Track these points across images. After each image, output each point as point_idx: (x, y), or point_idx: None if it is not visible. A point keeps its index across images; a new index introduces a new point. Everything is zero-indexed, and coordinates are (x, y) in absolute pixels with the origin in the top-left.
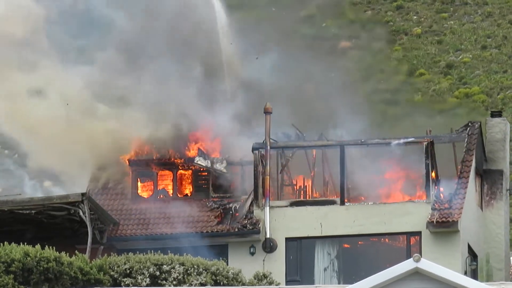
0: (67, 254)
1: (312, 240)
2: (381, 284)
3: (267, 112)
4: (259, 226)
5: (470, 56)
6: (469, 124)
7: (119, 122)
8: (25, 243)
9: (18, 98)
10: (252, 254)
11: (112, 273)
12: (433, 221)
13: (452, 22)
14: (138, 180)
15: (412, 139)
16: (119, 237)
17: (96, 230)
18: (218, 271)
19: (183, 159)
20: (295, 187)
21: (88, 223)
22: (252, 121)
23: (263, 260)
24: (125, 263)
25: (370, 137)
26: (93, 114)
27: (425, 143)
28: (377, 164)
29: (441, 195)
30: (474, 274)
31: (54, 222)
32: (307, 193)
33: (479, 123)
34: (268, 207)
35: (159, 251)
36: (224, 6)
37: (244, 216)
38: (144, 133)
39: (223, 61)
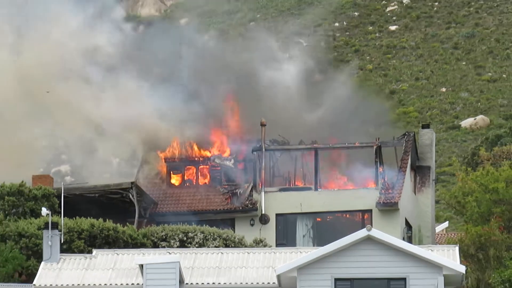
0: (121, 225)
1: (294, 215)
2: (344, 247)
3: (262, 125)
4: (257, 205)
5: (407, 85)
6: (406, 133)
7: (163, 125)
8: (91, 218)
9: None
10: (252, 225)
11: (152, 238)
12: (380, 202)
13: (394, 61)
14: (171, 172)
15: (366, 144)
16: (157, 213)
17: (141, 208)
18: (227, 237)
19: (203, 158)
20: (283, 177)
21: (135, 203)
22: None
23: (260, 229)
24: (161, 231)
25: (336, 143)
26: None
27: (375, 147)
28: (342, 161)
29: (386, 183)
30: (409, 240)
31: (112, 203)
32: (291, 182)
33: (413, 133)
34: (263, 192)
35: (185, 223)
36: None
37: (246, 198)
38: (177, 136)
39: None
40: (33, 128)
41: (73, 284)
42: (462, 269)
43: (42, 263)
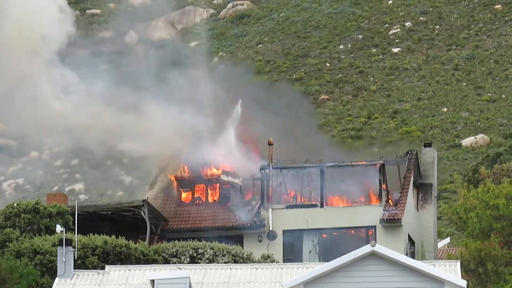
0: (133, 241)
1: (301, 231)
2: (349, 262)
3: (270, 144)
4: (265, 221)
5: (410, 105)
6: (409, 152)
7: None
8: (104, 234)
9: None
10: (260, 241)
11: (163, 254)
12: (384, 219)
13: (397, 82)
14: (181, 190)
15: (370, 162)
16: (168, 230)
17: (153, 225)
18: (236, 253)
19: (212, 176)
20: (290, 195)
21: (147, 220)
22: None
23: (267, 245)
24: (172, 248)
25: (341, 161)
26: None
27: (378, 165)
28: (346, 179)
29: (390, 200)
30: (412, 255)
31: (124, 220)
32: (297, 199)
33: (416, 151)
34: (271, 209)
35: (195, 239)
36: None
37: (254, 215)
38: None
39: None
40: None
41: None
42: (463, 283)
43: (56, 279)
